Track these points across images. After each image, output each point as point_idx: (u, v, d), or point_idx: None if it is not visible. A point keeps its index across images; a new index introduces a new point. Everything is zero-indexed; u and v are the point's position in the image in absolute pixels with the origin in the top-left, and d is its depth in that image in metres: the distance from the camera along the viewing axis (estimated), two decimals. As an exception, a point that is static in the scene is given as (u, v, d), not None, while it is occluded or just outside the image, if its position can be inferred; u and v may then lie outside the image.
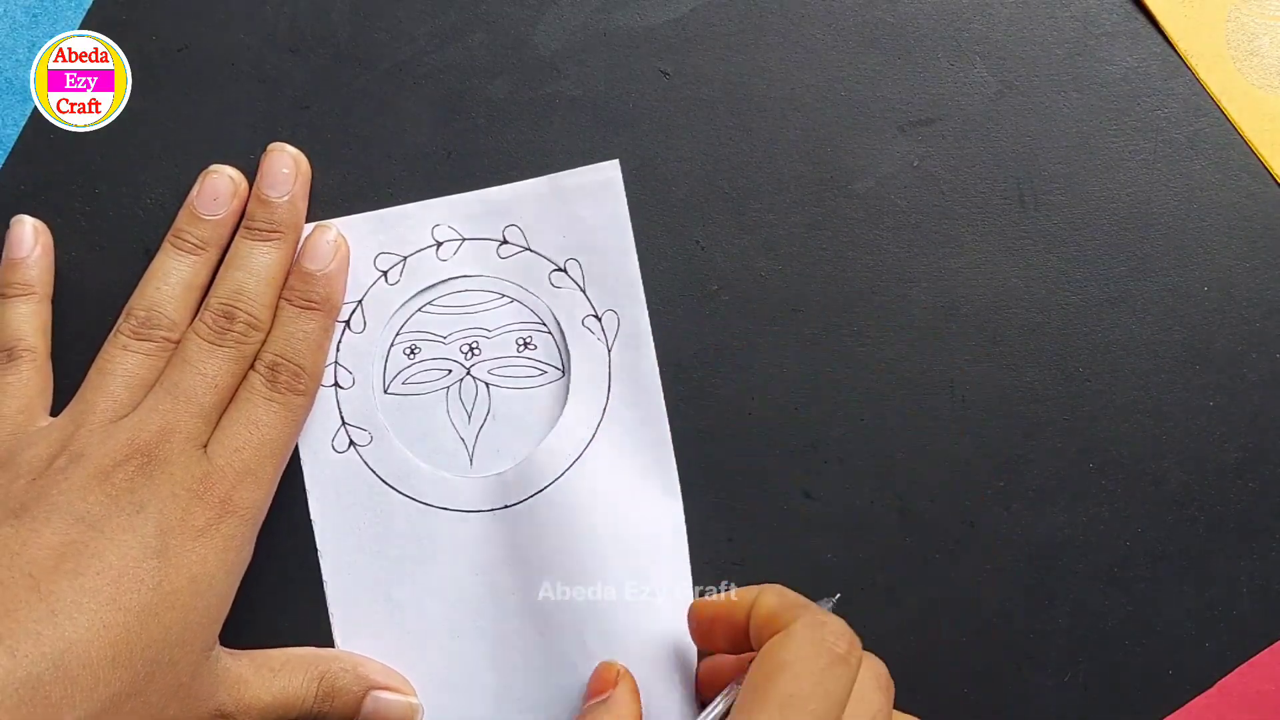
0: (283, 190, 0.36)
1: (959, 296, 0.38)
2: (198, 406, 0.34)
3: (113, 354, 0.35)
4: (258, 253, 0.36)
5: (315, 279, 0.36)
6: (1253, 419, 0.38)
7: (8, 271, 0.37)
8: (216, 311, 0.35)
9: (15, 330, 0.36)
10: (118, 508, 0.32)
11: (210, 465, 0.33)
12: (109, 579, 0.30)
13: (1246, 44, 0.39)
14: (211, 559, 0.32)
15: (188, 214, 0.36)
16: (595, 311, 0.38)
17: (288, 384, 0.35)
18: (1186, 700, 0.38)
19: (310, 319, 0.36)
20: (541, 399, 0.38)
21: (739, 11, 0.39)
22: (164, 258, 0.36)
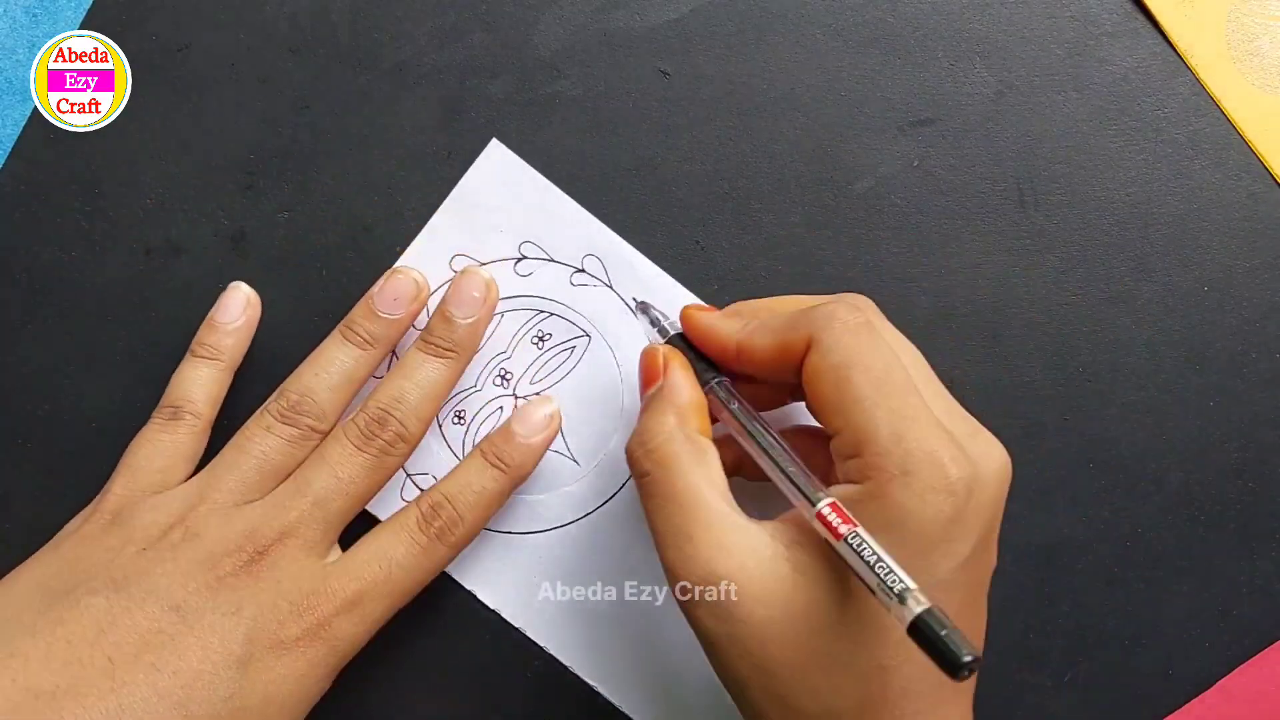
0: (469, 312, 0.35)
1: (959, 296, 0.38)
2: (323, 513, 0.33)
3: (254, 433, 0.34)
4: (428, 367, 0.35)
5: (516, 444, 0.35)
6: (1253, 419, 0.38)
7: (206, 332, 0.36)
8: (371, 414, 0.34)
9: (189, 392, 0.35)
10: (214, 604, 0.31)
11: (322, 584, 0.32)
12: (184, 681, 0.29)
13: (1246, 44, 0.39)
14: (291, 682, 0.31)
15: (365, 308, 0.35)
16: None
17: (440, 531, 0.34)
18: (1186, 700, 0.38)
19: (493, 478, 0.35)
20: (589, 367, 0.37)
21: (739, 11, 0.39)
22: (330, 345, 0.35)
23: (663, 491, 0.30)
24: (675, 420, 0.31)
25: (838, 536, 0.27)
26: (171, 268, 0.38)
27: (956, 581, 0.28)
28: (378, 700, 0.37)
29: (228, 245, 0.38)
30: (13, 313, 0.38)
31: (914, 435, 0.28)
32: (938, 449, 0.27)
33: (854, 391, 0.28)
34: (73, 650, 0.29)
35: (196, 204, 0.38)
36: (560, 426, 0.37)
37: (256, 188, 0.38)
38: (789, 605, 0.28)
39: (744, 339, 0.32)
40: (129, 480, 0.34)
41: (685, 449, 0.30)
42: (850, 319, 0.30)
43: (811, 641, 0.28)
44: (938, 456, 0.27)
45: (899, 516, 0.27)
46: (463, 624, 0.37)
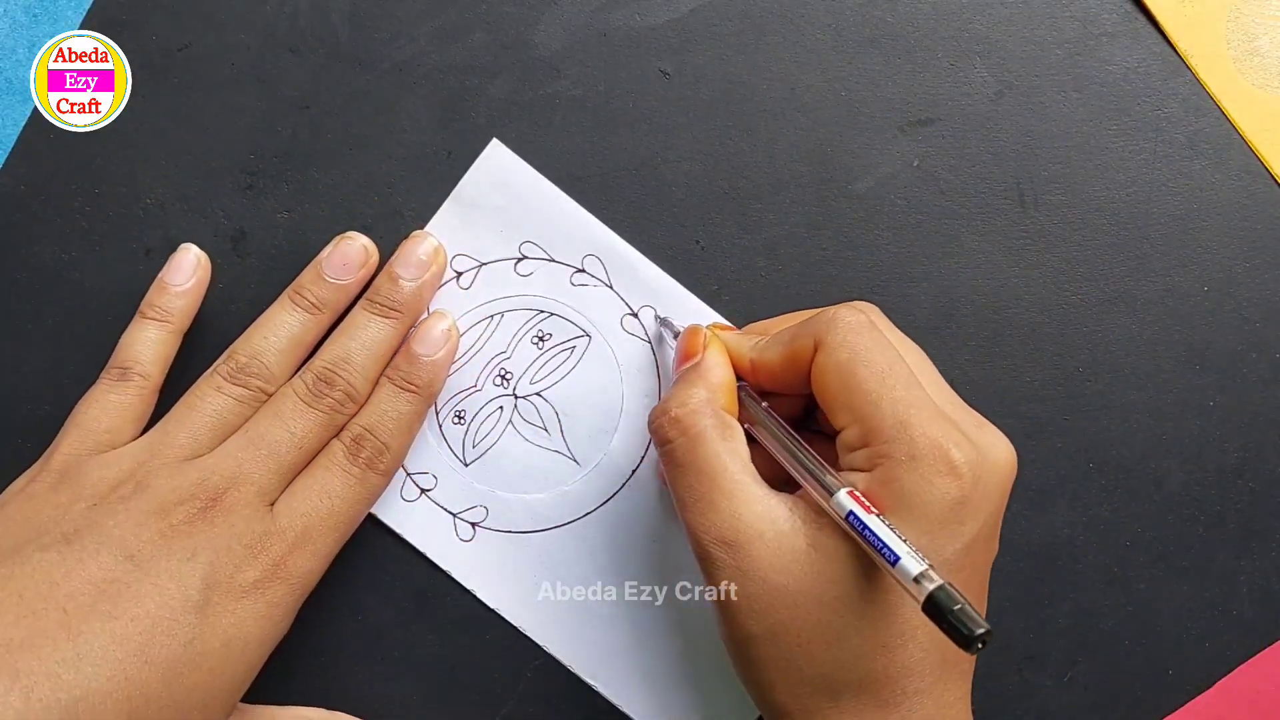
0: (415, 275, 0.36)
1: (959, 296, 0.38)
2: (276, 462, 0.33)
3: (204, 392, 0.34)
4: (373, 326, 0.35)
5: (421, 363, 0.35)
6: (1253, 419, 0.38)
7: (155, 293, 0.36)
8: (318, 373, 0.35)
9: (136, 353, 0.35)
10: (169, 550, 0.31)
11: (272, 524, 0.33)
12: (142, 627, 0.29)
13: (1246, 44, 0.39)
14: (250, 623, 0.31)
15: (313, 273, 0.36)
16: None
17: (369, 459, 0.34)
18: (1186, 700, 0.38)
19: (407, 401, 0.35)
20: (589, 367, 0.38)
21: (739, 11, 0.39)
22: (277, 309, 0.36)
23: (686, 460, 0.31)
24: (706, 394, 0.32)
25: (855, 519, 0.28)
26: (171, 268, 0.38)
27: (961, 563, 0.29)
28: (377, 700, 0.37)
29: (228, 245, 0.38)
30: (13, 313, 0.38)
31: (918, 422, 0.29)
32: (942, 435, 0.29)
33: (859, 385, 0.30)
34: (25, 604, 0.29)
35: (196, 204, 0.38)
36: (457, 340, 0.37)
37: (256, 188, 0.38)
38: (802, 576, 0.29)
39: (756, 355, 0.33)
40: (76, 439, 0.34)
41: (712, 422, 0.31)
42: (853, 319, 0.31)
43: (819, 613, 0.29)
44: (942, 442, 0.28)
45: (906, 500, 0.28)
46: (463, 624, 0.37)
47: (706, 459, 0.31)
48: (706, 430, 0.31)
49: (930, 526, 0.28)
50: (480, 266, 0.38)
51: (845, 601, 0.29)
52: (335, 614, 0.37)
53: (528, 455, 0.37)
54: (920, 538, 0.28)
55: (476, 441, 0.37)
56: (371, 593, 0.37)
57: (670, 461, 0.32)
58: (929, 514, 0.28)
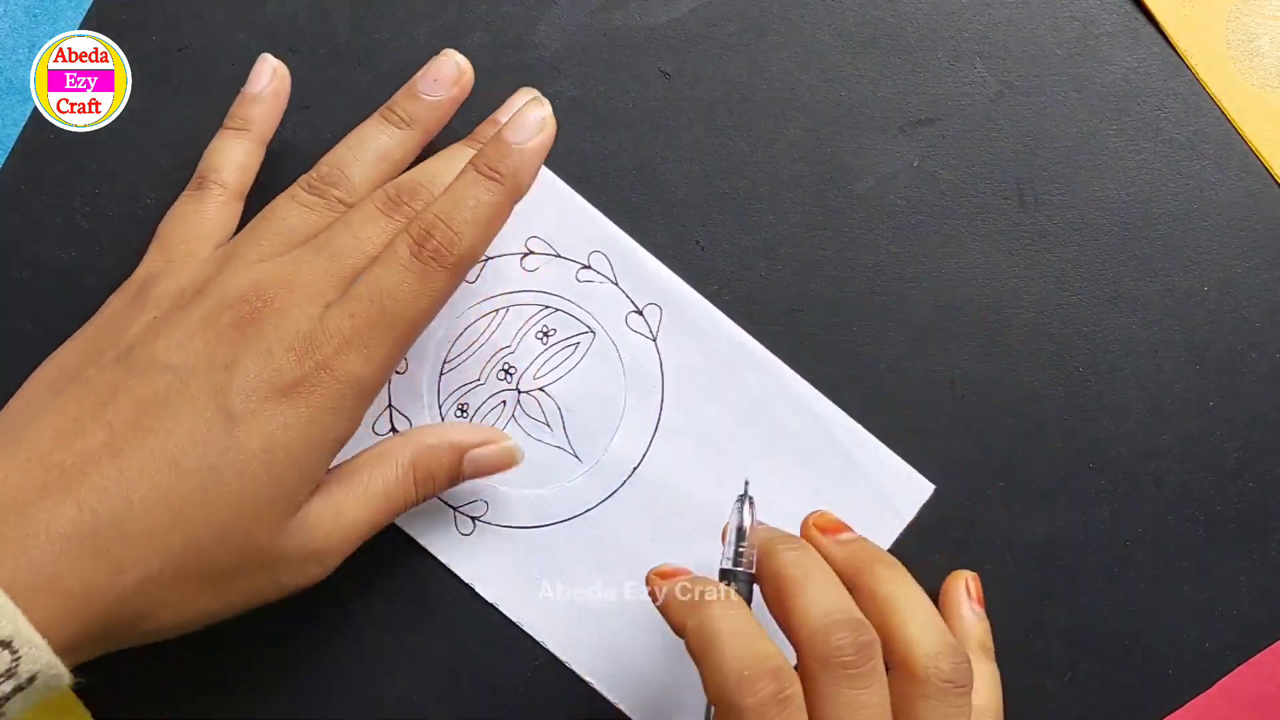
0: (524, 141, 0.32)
1: (959, 296, 0.38)
2: (336, 265, 0.31)
3: (280, 203, 0.34)
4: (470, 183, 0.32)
5: (510, 150, 0.32)
6: (1253, 419, 0.38)
7: (237, 105, 0.36)
8: (403, 185, 0.33)
9: (215, 162, 0.35)
10: (210, 362, 0.30)
11: (318, 325, 0.30)
12: (174, 440, 0.29)
13: (1246, 44, 0.39)
14: (296, 429, 0.30)
15: (406, 91, 0.35)
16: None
17: (435, 252, 0.31)
18: (1186, 700, 0.38)
19: (488, 189, 0.31)
20: (592, 363, 0.38)
21: (739, 11, 0.39)
22: (366, 125, 0.35)
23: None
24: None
25: None
26: (171, 268, 0.38)
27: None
28: (377, 698, 0.37)
29: (228, 245, 0.38)
30: (13, 313, 0.38)
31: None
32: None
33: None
34: (78, 425, 0.29)
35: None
36: (553, 134, 0.33)
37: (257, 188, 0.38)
38: None
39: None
40: (157, 253, 0.34)
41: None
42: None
43: None
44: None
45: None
46: (463, 623, 0.37)
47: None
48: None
49: None
50: (486, 260, 0.38)
51: None
52: (335, 614, 0.37)
53: (529, 450, 0.37)
54: None
55: None
56: (371, 592, 0.37)
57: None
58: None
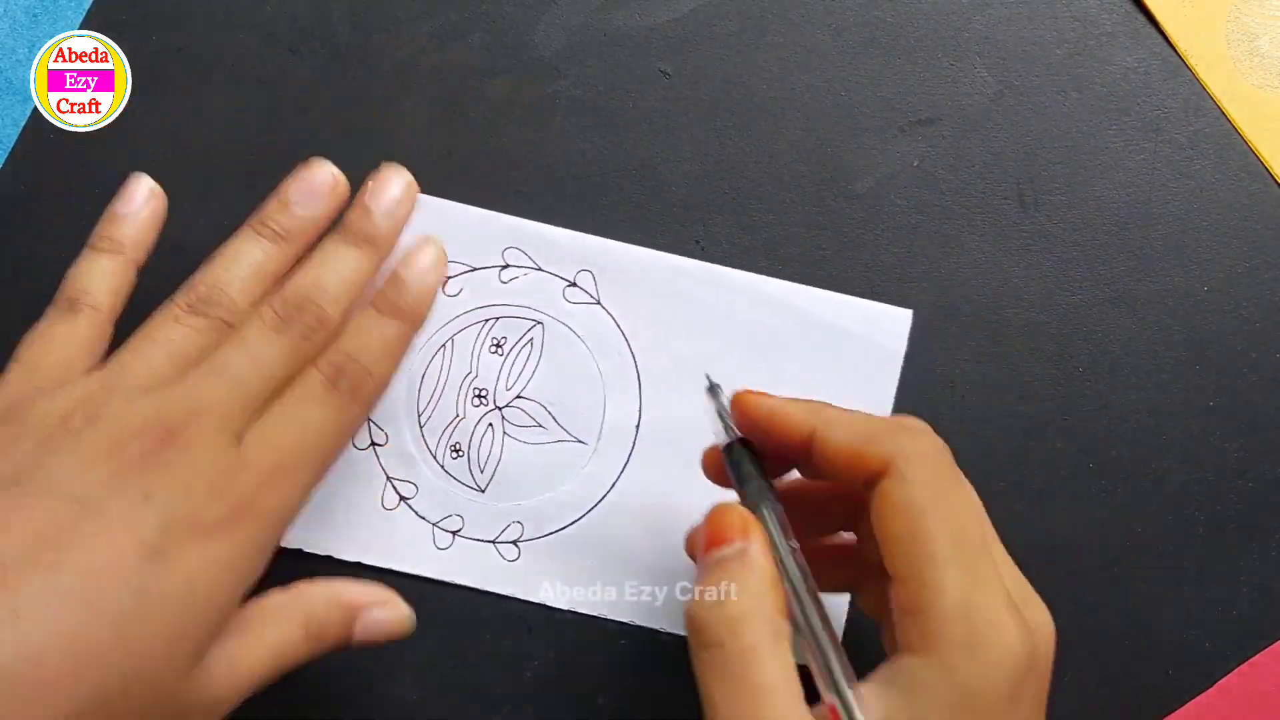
0: (389, 209, 0.34)
1: (959, 296, 0.38)
2: (241, 393, 0.30)
3: (161, 323, 0.32)
4: (347, 255, 0.33)
5: (407, 287, 0.33)
6: (1253, 419, 0.38)
7: (105, 224, 0.34)
8: (287, 299, 0.32)
9: (85, 283, 0.33)
10: (122, 490, 0.28)
11: (239, 458, 0.29)
12: (89, 578, 0.26)
13: (1246, 44, 0.39)
14: (216, 566, 0.28)
15: (276, 202, 0.34)
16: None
17: (350, 387, 0.31)
18: (1186, 700, 0.38)
19: (392, 325, 0.33)
20: (554, 350, 0.38)
21: (739, 11, 0.39)
22: (238, 240, 0.33)
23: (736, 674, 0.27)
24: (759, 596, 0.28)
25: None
26: (171, 268, 0.38)
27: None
28: (375, 699, 0.37)
29: (228, 245, 0.38)
30: (13, 313, 0.38)
31: (983, 606, 0.26)
32: (1005, 623, 0.26)
33: (930, 544, 0.27)
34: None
35: (196, 204, 0.38)
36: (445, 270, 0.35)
37: (256, 188, 0.38)
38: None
39: (822, 428, 0.29)
40: (21, 376, 0.31)
41: (767, 631, 0.27)
42: (935, 457, 0.28)
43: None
44: (1005, 632, 0.26)
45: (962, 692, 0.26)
46: (463, 624, 0.37)
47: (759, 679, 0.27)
48: (761, 642, 0.27)
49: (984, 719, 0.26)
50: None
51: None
52: (335, 614, 0.37)
53: (536, 456, 0.37)
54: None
55: (482, 466, 0.37)
56: (371, 593, 0.37)
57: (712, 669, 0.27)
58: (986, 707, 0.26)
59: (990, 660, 0.26)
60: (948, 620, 0.26)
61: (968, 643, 0.26)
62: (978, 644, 0.26)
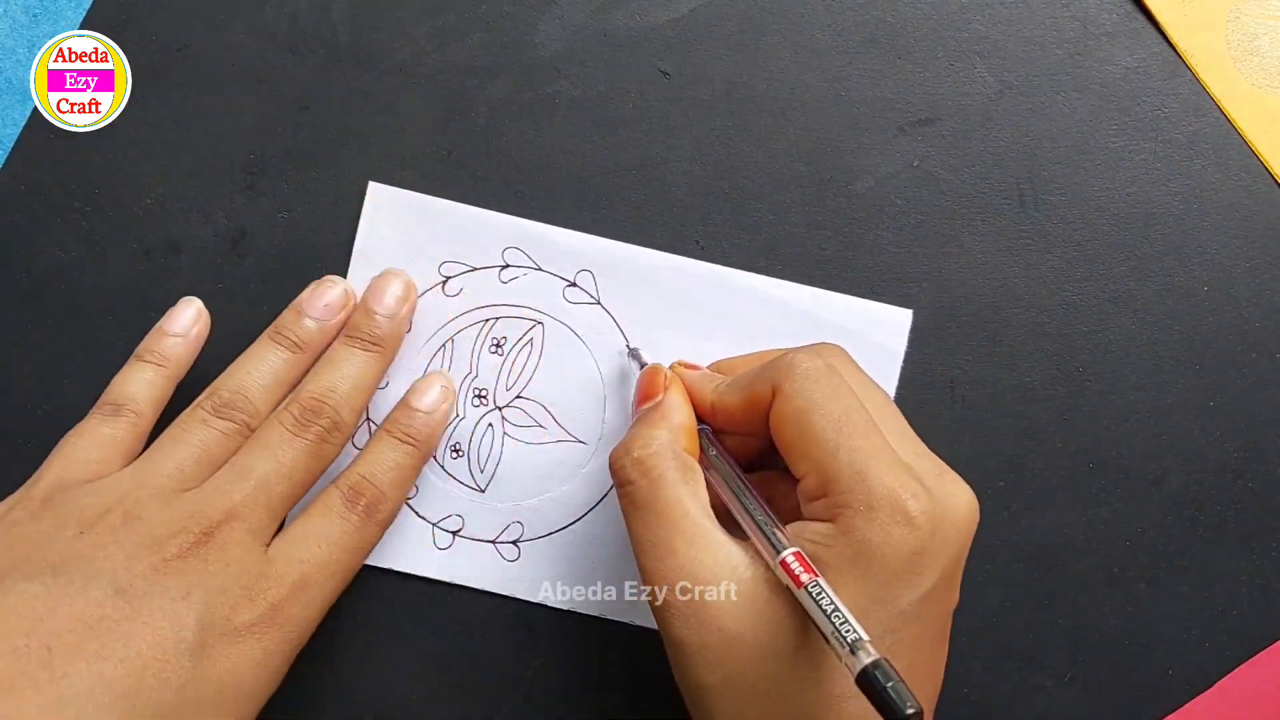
0: (391, 310, 0.36)
1: (959, 296, 0.38)
2: (266, 497, 0.32)
3: (189, 424, 0.34)
4: (355, 359, 0.35)
5: (418, 416, 0.35)
6: (1253, 419, 0.38)
7: (153, 339, 0.36)
8: (304, 403, 0.34)
9: (131, 391, 0.35)
10: (162, 587, 0.29)
11: (269, 568, 0.31)
12: (131, 670, 0.28)
13: (1246, 44, 0.39)
14: (245, 670, 0.30)
15: (293, 313, 0.36)
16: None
17: (367, 508, 0.34)
18: (1186, 700, 0.38)
19: (405, 453, 0.35)
20: (554, 349, 0.38)
21: (739, 11, 0.39)
22: (259, 348, 0.35)
23: (647, 502, 0.31)
24: (668, 435, 0.32)
25: (799, 584, 0.28)
26: (171, 268, 0.38)
27: (917, 614, 0.29)
28: (376, 700, 0.37)
29: (228, 245, 0.38)
30: (13, 313, 0.38)
31: (875, 472, 0.29)
32: (899, 485, 0.28)
33: (816, 433, 0.29)
34: (7, 641, 0.27)
35: (196, 204, 0.38)
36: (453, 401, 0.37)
37: (256, 188, 0.38)
38: (759, 626, 0.29)
39: (716, 398, 0.33)
40: (62, 468, 0.33)
41: (673, 464, 0.31)
42: (811, 365, 0.30)
43: (774, 665, 0.28)
44: (899, 492, 0.28)
45: (863, 550, 0.28)
46: (463, 624, 0.37)
47: (667, 503, 0.30)
48: (667, 473, 0.31)
49: (887, 578, 0.28)
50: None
51: (802, 652, 0.28)
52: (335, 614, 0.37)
53: (536, 456, 0.37)
54: (877, 589, 0.28)
55: (483, 466, 0.37)
56: (371, 593, 0.37)
57: (630, 503, 0.31)
58: (886, 565, 0.28)
59: (887, 519, 0.28)
60: (846, 490, 0.28)
61: (866, 504, 0.28)
62: (875, 505, 0.28)
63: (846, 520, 0.28)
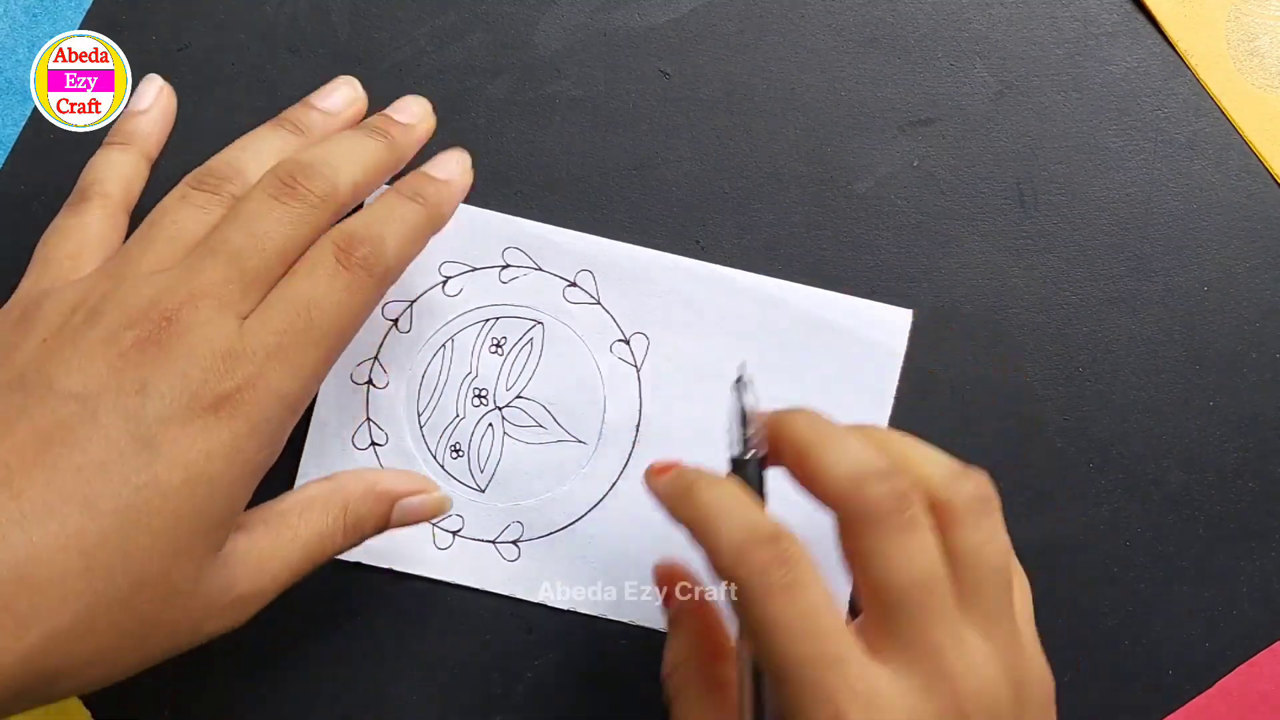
0: (409, 119, 0.34)
1: (959, 296, 0.38)
2: (239, 270, 0.29)
3: (167, 205, 0.31)
4: (363, 142, 0.32)
5: (433, 181, 0.32)
6: (1253, 419, 0.38)
7: (120, 122, 0.35)
8: (290, 167, 0.30)
9: (97, 174, 0.33)
10: (118, 384, 0.27)
11: (238, 342, 0.28)
12: (88, 476, 0.26)
13: (1246, 44, 0.39)
14: (217, 456, 0.27)
15: (300, 105, 0.34)
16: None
17: (363, 260, 0.29)
18: (1186, 700, 0.38)
19: (413, 209, 0.31)
20: (554, 349, 0.37)
21: (739, 11, 0.39)
22: (258, 130, 0.33)
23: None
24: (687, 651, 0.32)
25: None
26: (171, 268, 0.38)
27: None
28: (376, 700, 0.37)
29: (228, 245, 0.38)
30: (13, 313, 0.38)
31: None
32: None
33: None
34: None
35: (196, 204, 0.38)
36: (471, 179, 0.34)
37: (256, 188, 0.38)
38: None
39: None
40: (39, 272, 0.31)
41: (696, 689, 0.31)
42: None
43: None
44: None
45: None
46: (463, 624, 0.37)
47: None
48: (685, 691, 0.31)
49: None
50: (411, 305, 0.37)
51: None
52: (335, 614, 0.37)
53: (536, 456, 0.37)
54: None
55: (482, 466, 0.37)
56: (371, 593, 0.37)
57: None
58: None
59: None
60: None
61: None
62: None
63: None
